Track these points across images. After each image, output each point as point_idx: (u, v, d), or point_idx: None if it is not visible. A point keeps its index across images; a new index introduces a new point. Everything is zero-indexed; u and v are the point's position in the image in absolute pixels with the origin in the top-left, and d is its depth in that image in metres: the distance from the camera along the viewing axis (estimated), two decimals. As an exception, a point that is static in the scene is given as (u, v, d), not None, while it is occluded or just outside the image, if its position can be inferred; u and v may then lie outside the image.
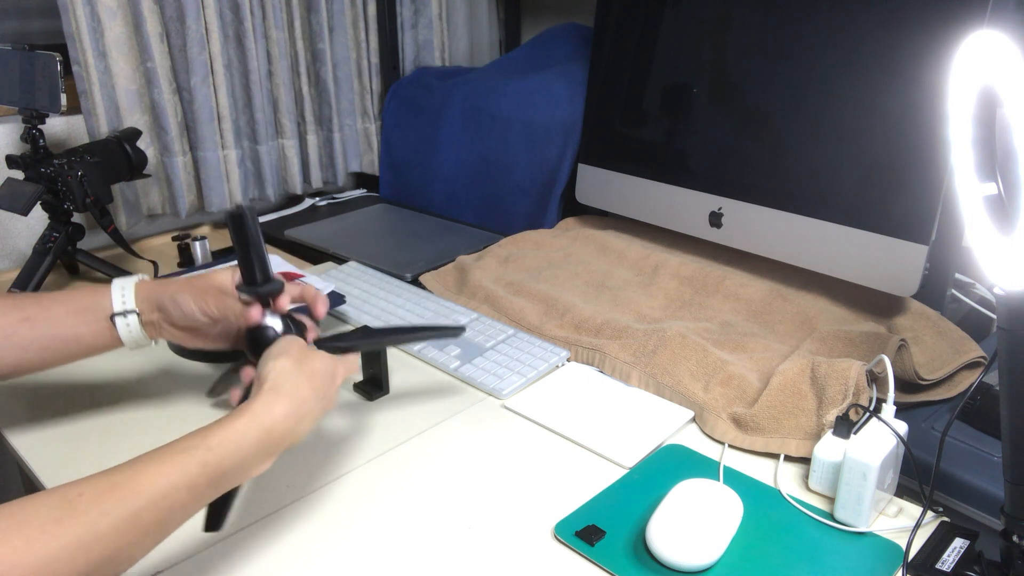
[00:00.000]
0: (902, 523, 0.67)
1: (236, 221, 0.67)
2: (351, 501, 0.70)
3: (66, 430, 0.80)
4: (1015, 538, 0.55)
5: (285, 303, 0.72)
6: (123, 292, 0.72)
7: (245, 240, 0.67)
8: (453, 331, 0.79)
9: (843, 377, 0.74)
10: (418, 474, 0.73)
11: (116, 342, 0.73)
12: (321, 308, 0.75)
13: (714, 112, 1.06)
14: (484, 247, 1.23)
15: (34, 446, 0.77)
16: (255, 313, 0.70)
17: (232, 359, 0.91)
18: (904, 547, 0.61)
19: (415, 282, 1.15)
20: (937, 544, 0.62)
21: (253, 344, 0.69)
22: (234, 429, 0.55)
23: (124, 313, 0.71)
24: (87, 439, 0.78)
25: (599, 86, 1.21)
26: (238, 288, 0.71)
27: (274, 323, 0.69)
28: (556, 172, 1.29)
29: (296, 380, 0.61)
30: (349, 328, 0.95)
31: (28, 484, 1.29)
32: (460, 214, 1.45)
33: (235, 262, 0.70)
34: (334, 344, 0.73)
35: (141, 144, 1.20)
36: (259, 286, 0.69)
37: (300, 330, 0.71)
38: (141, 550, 0.51)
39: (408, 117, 1.52)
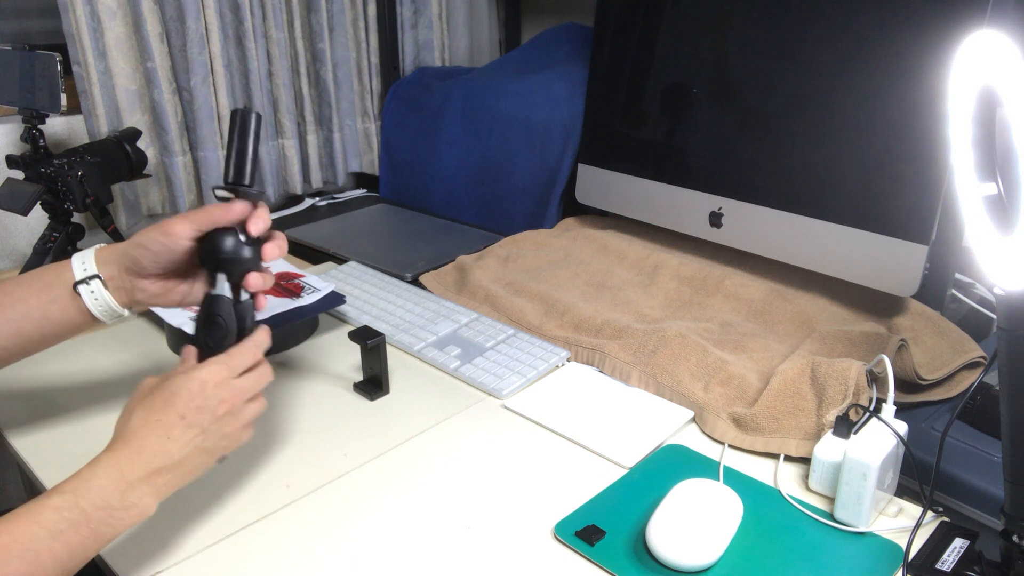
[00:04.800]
0: (902, 523, 0.67)
1: (242, 118, 0.65)
2: (350, 501, 0.70)
3: (66, 430, 0.80)
4: (1015, 538, 0.55)
5: (260, 225, 0.67)
6: (83, 260, 0.69)
7: (245, 137, 0.66)
8: (259, 195, 0.72)
9: (843, 377, 0.74)
10: (418, 474, 0.73)
11: (86, 315, 0.69)
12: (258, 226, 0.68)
13: (714, 112, 1.06)
14: (484, 247, 1.22)
15: (34, 446, 0.77)
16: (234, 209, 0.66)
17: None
18: (904, 547, 0.61)
19: (415, 282, 1.15)
20: (937, 544, 0.62)
21: (209, 249, 0.66)
22: (81, 475, 0.56)
23: (87, 280, 0.68)
24: (88, 439, 0.78)
25: (599, 86, 1.21)
26: (217, 187, 0.67)
27: (233, 241, 0.66)
28: (556, 172, 1.29)
29: (139, 414, 0.62)
30: (351, 327, 0.96)
31: (28, 485, 1.29)
32: (460, 214, 1.45)
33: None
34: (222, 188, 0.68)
35: (141, 144, 1.20)
36: (243, 185, 0.66)
37: (257, 250, 0.67)
38: None
39: (408, 117, 1.52)
